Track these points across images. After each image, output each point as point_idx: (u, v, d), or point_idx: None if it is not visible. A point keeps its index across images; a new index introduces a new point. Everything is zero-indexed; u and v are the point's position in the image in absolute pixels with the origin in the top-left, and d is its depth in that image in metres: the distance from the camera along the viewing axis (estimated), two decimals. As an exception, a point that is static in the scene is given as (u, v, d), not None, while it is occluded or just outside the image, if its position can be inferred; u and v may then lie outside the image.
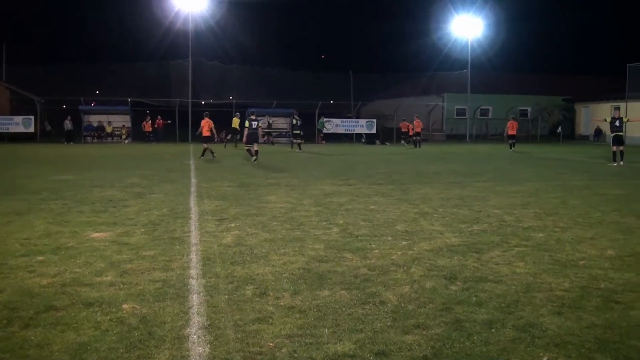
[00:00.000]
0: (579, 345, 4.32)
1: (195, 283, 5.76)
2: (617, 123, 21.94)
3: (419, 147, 35.99)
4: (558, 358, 4.11)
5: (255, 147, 22.41)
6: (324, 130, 42.48)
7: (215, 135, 25.31)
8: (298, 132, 32.39)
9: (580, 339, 4.44)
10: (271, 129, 41.90)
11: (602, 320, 4.87)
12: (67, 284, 5.68)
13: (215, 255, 6.90)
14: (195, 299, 5.26)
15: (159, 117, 41.87)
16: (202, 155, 23.69)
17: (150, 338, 4.37)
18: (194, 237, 7.93)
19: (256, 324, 4.66)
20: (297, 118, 33.15)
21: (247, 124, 22.85)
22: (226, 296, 5.35)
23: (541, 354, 4.16)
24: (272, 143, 39.53)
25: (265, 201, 11.42)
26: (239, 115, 36.56)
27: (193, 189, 13.39)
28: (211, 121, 24.26)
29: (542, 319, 4.87)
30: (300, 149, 30.95)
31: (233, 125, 35.82)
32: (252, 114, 23.79)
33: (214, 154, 23.82)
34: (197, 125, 29.31)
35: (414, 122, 37.92)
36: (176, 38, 48.77)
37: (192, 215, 9.73)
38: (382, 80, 58.32)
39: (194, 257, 6.81)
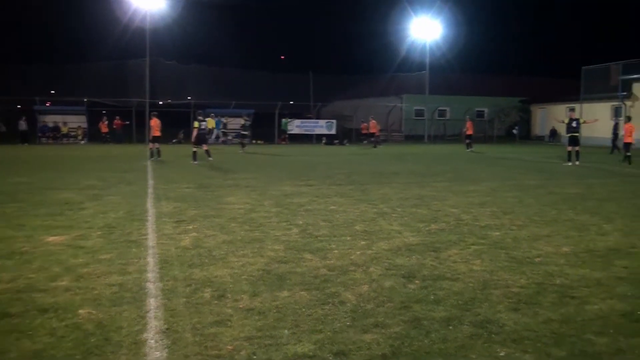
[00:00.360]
0: (535, 340, 4.41)
1: (152, 286, 5.68)
2: (573, 124, 22.49)
3: (375, 147, 36.35)
4: (515, 353, 4.18)
5: (205, 147, 22.27)
6: (288, 131, 42.47)
7: (190, 136, 24.81)
8: (245, 132, 32.41)
9: (537, 334, 4.53)
10: (226, 129, 41.64)
11: (558, 315, 4.97)
12: (22, 290, 5.54)
13: (172, 258, 6.82)
14: (152, 303, 5.19)
15: (117, 117, 41.17)
16: (152, 156, 23.37)
17: (107, 344, 4.29)
18: (151, 240, 7.82)
19: (215, 327, 4.62)
20: (247, 119, 33.20)
21: (195, 124, 22.57)
22: (184, 299, 5.29)
23: (498, 350, 4.23)
24: (225, 143, 39.31)
25: (224, 202, 11.34)
26: (213, 116, 36.33)
27: (150, 190, 13.21)
28: (159, 121, 23.88)
29: (499, 315, 4.95)
30: (242, 149, 30.78)
31: (209, 126, 35.65)
32: (201, 114, 23.53)
33: (160, 156, 23.46)
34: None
35: (370, 123, 38.39)
36: (134, 37, 47.93)
37: (150, 218, 9.59)
38: (342, 81, 58.47)
39: (151, 260, 6.72)
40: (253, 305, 5.14)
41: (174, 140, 40.18)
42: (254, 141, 41.75)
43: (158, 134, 23.69)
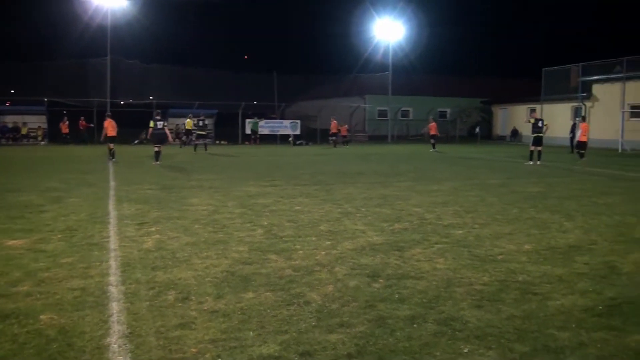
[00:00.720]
0: (498, 336, 4.47)
1: (115, 290, 5.59)
2: (539, 124, 23.06)
3: (335, 147, 36.66)
4: (479, 350, 4.23)
5: (159, 147, 21.89)
6: (260, 132, 42.31)
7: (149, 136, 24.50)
8: (203, 133, 32.12)
9: (500, 330, 4.60)
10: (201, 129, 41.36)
11: (520, 311, 5.06)
12: (-22, 295, 5.40)
13: (135, 261, 6.73)
14: (115, 307, 5.11)
15: (82, 118, 40.29)
16: (112, 156, 22.99)
17: (69, 349, 4.20)
18: (113, 243, 7.70)
19: (179, 330, 4.57)
20: (202, 118, 33.01)
21: (151, 124, 22.26)
22: (147, 302, 5.23)
23: (462, 347, 4.28)
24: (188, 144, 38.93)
25: (187, 204, 11.23)
26: (191, 116, 35.94)
27: (112, 192, 13.01)
28: (114, 121, 23.50)
29: (463, 312, 5.01)
30: (195, 149, 30.50)
31: (187, 127, 35.92)
32: (158, 114, 23.01)
33: (114, 157, 23.02)
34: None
35: (331, 123, 38.62)
36: (95, 35, 47.11)
37: (111, 220, 9.45)
38: (306, 81, 58.40)
39: (114, 263, 6.61)
40: (217, 307, 5.10)
41: (135, 141, 39.68)
42: (217, 142, 41.52)
43: (113, 134, 23.30)
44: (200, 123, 32.34)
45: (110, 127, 23.22)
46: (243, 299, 5.33)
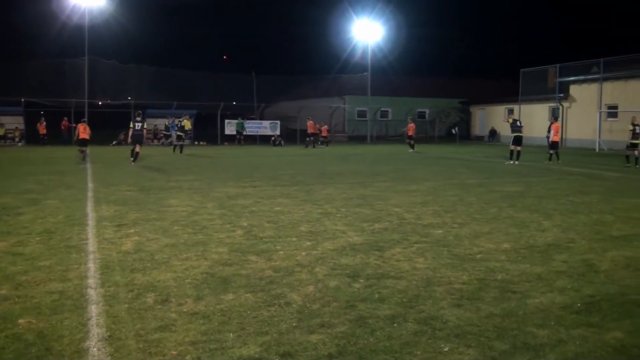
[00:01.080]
0: (478, 335, 4.50)
1: (93, 293, 5.53)
2: (518, 124, 23.47)
3: (310, 147, 36.93)
4: (459, 348, 4.26)
5: (137, 148, 21.90)
6: (245, 132, 42.13)
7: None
8: (181, 134, 31.65)
9: (480, 329, 4.63)
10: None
11: (499, 309, 5.10)
12: (-46, 299, 5.31)
13: (114, 263, 6.67)
14: (94, 310, 5.05)
15: (65, 119, 39.67)
16: (83, 159, 23.03)
17: (48, 354, 4.15)
18: (92, 245, 7.62)
19: (158, 333, 4.53)
20: (180, 120, 32.81)
21: (131, 124, 22.33)
22: (126, 305, 5.18)
23: (442, 345, 4.30)
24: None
25: (166, 205, 11.16)
26: (188, 117, 35.76)
27: (90, 194, 12.88)
28: (88, 127, 23.63)
29: (443, 311, 5.04)
30: (176, 151, 30.09)
31: (186, 128, 35.46)
32: (139, 114, 23.34)
33: (85, 160, 22.92)
34: (93, 126, 29.38)
35: (307, 123, 38.74)
36: (72, 35, 46.60)
37: (90, 222, 9.35)
38: (286, 82, 58.33)
39: (92, 266, 6.55)
40: (197, 309, 5.07)
41: (113, 142, 39.31)
42: (196, 142, 41.32)
43: (85, 136, 23.27)
44: (179, 123, 32.14)
45: (82, 130, 23.29)
46: (223, 301, 5.31)
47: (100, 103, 45.53)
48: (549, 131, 28.48)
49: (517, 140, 23.05)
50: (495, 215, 10.16)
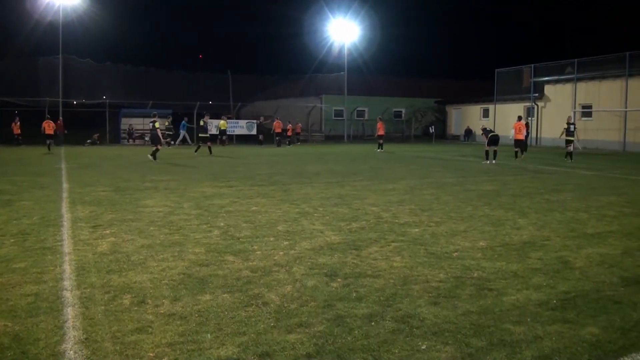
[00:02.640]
0: (455, 332, 4.54)
1: (69, 295, 5.46)
2: (488, 129, 24.46)
3: (280, 146, 37.40)
4: (436, 345, 4.29)
5: (159, 146, 23.93)
6: (228, 132, 41.84)
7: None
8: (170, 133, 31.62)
9: (457, 326, 4.67)
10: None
11: (476, 307, 5.15)
12: None
13: (90, 265, 6.59)
14: (70, 312, 4.99)
15: (60, 119, 38.88)
16: (49, 149, 28.22)
17: (24, 357, 4.09)
18: (67, 246, 7.53)
19: (135, 334, 4.49)
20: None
21: (150, 125, 24.38)
22: (103, 307, 5.13)
23: (420, 343, 4.33)
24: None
25: (142, 205, 11.07)
26: (225, 118, 35.63)
27: (65, 194, 12.72)
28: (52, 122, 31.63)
29: (420, 309, 5.07)
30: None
31: (222, 128, 36.72)
32: (154, 115, 25.04)
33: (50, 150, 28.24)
34: (69, 125, 35.27)
35: (274, 123, 38.91)
36: (46, 33, 45.98)
37: (65, 223, 9.23)
38: (262, 81, 58.31)
39: (68, 268, 6.46)
40: (174, 310, 5.04)
41: (88, 141, 38.89)
42: (172, 142, 41.01)
43: (51, 132, 31.36)
44: (167, 124, 31.90)
45: (47, 126, 31.27)
46: (200, 301, 5.28)
47: (74, 102, 44.93)
48: (527, 131, 29.41)
49: (494, 141, 23.30)
50: (471, 214, 10.25)
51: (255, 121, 43.95)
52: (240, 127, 44.22)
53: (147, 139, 38.89)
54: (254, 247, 7.50)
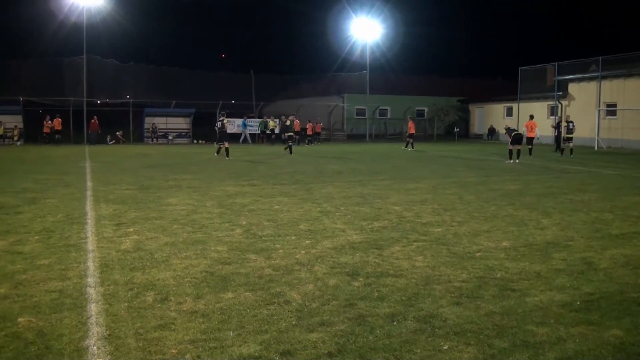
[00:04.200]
0: (477, 333, 4.51)
1: (93, 292, 5.54)
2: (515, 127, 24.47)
3: (293, 146, 36.68)
4: (458, 346, 4.26)
5: (226, 144, 24.48)
6: (267, 131, 42.00)
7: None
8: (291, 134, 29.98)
9: (479, 327, 4.64)
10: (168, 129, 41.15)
11: (499, 307, 5.11)
12: (-48, 298, 5.31)
13: (113, 262, 6.67)
14: (93, 309, 5.05)
15: (95, 118, 39.22)
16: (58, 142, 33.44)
17: (48, 352, 4.15)
18: (91, 244, 7.63)
19: (158, 331, 4.54)
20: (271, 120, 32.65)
21: (218, 124, 24.87)
22: (126, 304, 5.18)
23: (442, 343, 4.31)
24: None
25: (165, 204, 11.16)
26: (296, 115, 36.10)
27: (89, 192, 12.88)
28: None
29: (442, 309, 5.05)
30: (285, 151, 28.58)
31: (271, 126, 38.81)
32: (223, 114, 25.95)
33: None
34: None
35: (294, 122, 38.71)
36: (70, 34, 46.47)
37: (89, 221, 9.35)
38: (284, 80, 58.39)
39: (91, 265, 6.55)
40: (197, 308, 5.08)
41: (111, 141, 39.26)
42: (195, 141, 41.32)
43: (59, 128, 37.33)
44: (288, 123, 30.20)
45: (57, 123, 37.20)
46: (222, 299, 5.31)
47: (98, 102, 45.42)
48: (557, 128, 29.62)
49: (517, 140, 23.15)
50: (495, 214, 10.17)
51: (277, 120, 44.02)
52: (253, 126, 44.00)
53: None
54: (276, 246, 7.52)
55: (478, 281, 5.94)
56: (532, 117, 26.49)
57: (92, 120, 39.05)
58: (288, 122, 29.69)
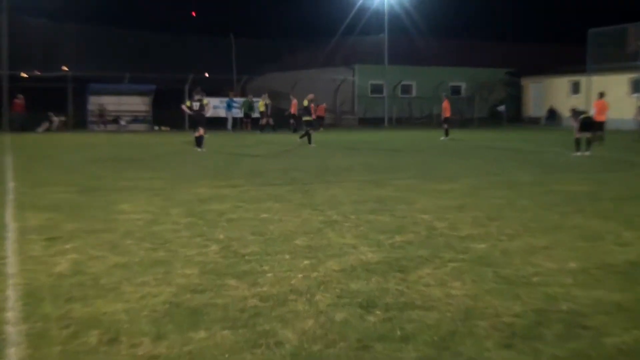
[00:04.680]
0: (537, 387, 4.47)
1: (13, 330, 5.48)
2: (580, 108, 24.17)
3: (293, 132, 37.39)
4: (510, 406, 4.22)
5: (202, 132, 24.83)
6: (253, 115, 42.27)
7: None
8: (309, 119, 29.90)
9: (539, 378, 4.60)
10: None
11: (566, 351, 5.05)
12: None
13: (43, 290, 6.63)
14: (13, 355, 5.00)
15: (21, 97, 39.42)
16: None
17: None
18: (13, 266, 7.59)
19: (104, 383, 4.49)
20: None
21: (187, 103, 25.70)
22: (59, 347, 5.12)
23: (488, 403, 4.26)
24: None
25: (116, 211, 11.15)
26: (266, 97, 36.60)
27: (10, 197, 12.87)
28: None
29: (488, 354, 5.00)
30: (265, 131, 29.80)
31: (260, 109, 39.82)
32: (197, 92, 25.98)
33: None
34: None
35: (292, 102, 38.88)
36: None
37: (10, 234, 9.34)
38: (275, 47, 58.63)
39: (12, 294, 6.50)
40: (157, 352, 5.03)
41: (41, 128, 39.13)
42: (156, 127, 41.42)
43: None
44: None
45: None
46: (192, 340, 5.26)
47: (25, 76, 45.47)
48: None
49: (586, 125, 22.96)
50: (557, 224, 10.14)
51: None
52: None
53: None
54: (264, 268, 7.49)
55: (536, 315, 5.89)
56: (601, 94, 26.49)
57: (16, 100, 39.05)
58: (306, 103, 29.58)
